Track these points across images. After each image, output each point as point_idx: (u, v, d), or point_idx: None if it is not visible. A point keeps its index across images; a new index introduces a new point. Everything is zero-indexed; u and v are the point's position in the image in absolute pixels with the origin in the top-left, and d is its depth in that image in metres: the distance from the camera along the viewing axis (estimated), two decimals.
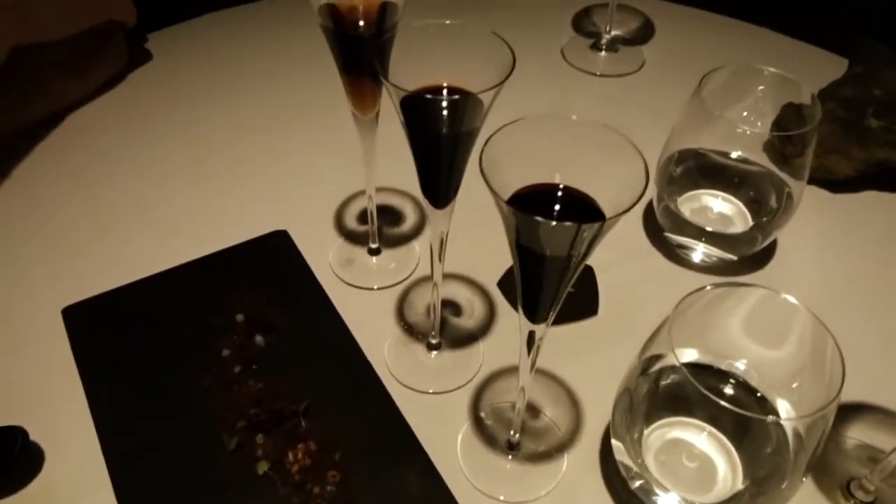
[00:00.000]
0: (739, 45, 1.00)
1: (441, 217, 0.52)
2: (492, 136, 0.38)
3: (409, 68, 0.45)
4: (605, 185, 0.40)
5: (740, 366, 0.54)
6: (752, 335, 0.52)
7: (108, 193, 0.79)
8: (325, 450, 0.56)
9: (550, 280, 0.41)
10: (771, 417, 0.50)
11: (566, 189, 0.40)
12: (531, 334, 0.47)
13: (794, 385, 0.51)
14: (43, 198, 0.78)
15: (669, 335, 0.45)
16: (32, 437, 0.56)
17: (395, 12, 0.51)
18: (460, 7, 1.06)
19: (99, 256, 0.72)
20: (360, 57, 0.53)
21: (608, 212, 0.39)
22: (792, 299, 0.47)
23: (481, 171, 0.37)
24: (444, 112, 0.43)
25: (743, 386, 0.54)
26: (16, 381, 0.61)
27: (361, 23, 0.51)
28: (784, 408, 0.52)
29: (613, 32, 0.99)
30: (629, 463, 0.51)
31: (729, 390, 0.54)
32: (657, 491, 0.50)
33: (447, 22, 0.45)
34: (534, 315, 0.44)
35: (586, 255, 0.39)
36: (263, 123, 0.88)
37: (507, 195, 0.39)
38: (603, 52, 0.98)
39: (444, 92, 0.45)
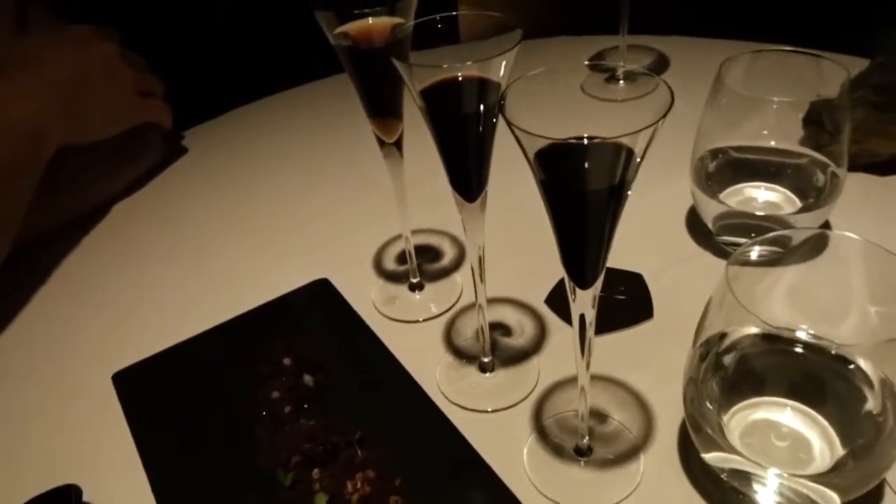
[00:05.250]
0: None
1: (475, 215, 0.51)
2: (510, 84, 0.38)
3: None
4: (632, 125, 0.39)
5: (805, 331, 0.50)
6: (812, 290, 0.48)
7: (152, 266, 0.81)
8: (384, 477, 0.52)
9: (591, 225, 0.40)
10: (844, 344, 0.45)
11: (592, 138, 0.40)
12: (581, 319, 0.44)
13: (873, 338, 0.46)
14: (90, 277, 0.81)
15: (723, 306, 0.43)
16: (86, 496, 0.54)
17: (404, 29, 0.53)
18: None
19: (146, 322, 0.73)
20: (377, 70, 0.54)
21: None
22: (852, 235, 0.44)
23: (503, 116, 0.36)
24: (461, 88, 0.44)
25: (814, 349, 0.49)
26: (71, 443, 0.61)
27: (373, 37, 0.52)
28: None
29: (629, 67, 1.00)
30: (716, 453, 0.47)
31: (798, 352, 0.49)
32: (755, 472, 0.45)
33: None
34: (581, 275, 0.42)
35: (622, 186, 0.38)
36: (298, 186, 0.92)
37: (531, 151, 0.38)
38: (621, 83, 0.99)
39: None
